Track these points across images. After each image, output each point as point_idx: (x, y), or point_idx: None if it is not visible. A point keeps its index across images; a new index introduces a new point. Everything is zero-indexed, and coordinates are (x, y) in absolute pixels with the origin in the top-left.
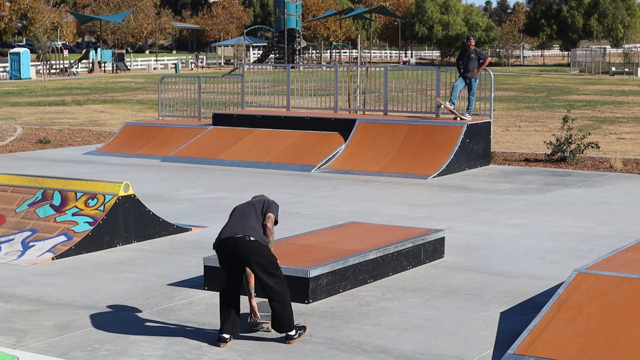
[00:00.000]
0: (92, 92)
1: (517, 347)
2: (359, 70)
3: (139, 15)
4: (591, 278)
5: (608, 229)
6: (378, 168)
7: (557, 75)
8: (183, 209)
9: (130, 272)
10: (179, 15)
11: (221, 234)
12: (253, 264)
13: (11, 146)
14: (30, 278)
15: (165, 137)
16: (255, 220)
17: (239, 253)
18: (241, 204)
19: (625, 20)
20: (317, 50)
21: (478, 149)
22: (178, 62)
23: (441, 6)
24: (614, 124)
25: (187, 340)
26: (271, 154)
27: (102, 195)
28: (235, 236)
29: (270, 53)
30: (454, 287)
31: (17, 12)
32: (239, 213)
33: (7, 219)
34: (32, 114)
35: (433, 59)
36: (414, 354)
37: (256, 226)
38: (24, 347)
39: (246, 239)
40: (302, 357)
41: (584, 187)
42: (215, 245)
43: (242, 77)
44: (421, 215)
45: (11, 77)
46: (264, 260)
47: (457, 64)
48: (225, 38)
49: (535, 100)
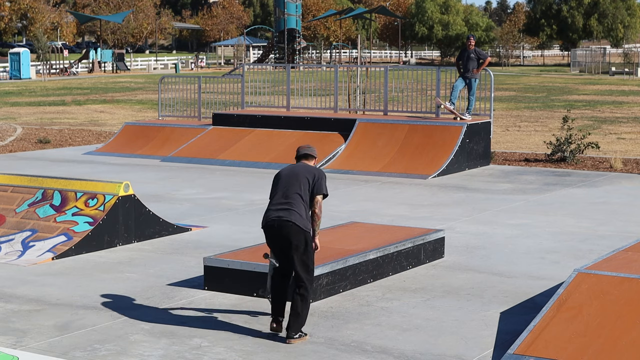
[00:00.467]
0: (92, 92)
1: (517, 347)
2: (359, 70)
3: (139, 15)
4: (591, 278)
5: (608, 229)
6: (378, 168)
7: (557, 75)
8: (183, 209)
9: (130, 272)
10: (179, 15)
11: (267, 215)
12: (293, 251)
13: (11, 146)
14: (30, 278)
15: (165, 137)
16: (301, 202)
17: (282, 236)
18: (288, 173)
19: (625, 20)
20: (317, 50)
21: (478, 149)
22: (178, 62)
23: (441, 6)
24: (614, 124)
25: (187, 340)
26: (271, 154)
27: (102, 195)
28: (281, 219)
29: (270, 53)
30: (454, 287)
31: (17, 12)
32: (283, 189)
33: (7, 219)
34: (32, 114)
35: (433, 59)
36: (414, 354)
37: (301, 210)
38: (24, 347)
39: (290, 224)
40: (302, 357)
41: (584, 187)
42: (263, 225)
43: (242, 77)
44: (421, 215)
45: (11, 77)
46: (304, 252)
47: (457, 64)
48: (225, 38)
49: (535, 100)
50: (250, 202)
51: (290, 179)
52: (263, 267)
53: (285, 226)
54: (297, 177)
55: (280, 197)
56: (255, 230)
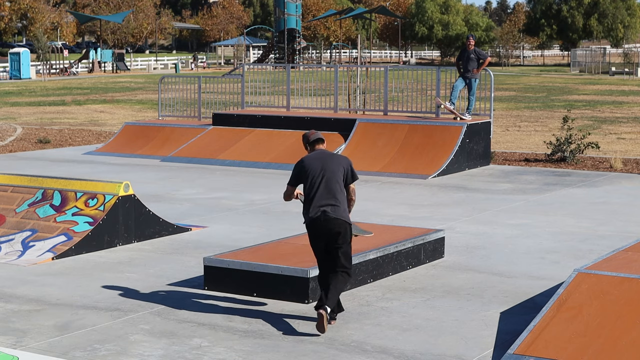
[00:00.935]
0: (92, 92)
1: (517, 347)
2: (359, 70)
3: (139, 15)
4: (591, 278)
5: (608, 229)
6: (378, 168)
7: (557, 75)
8: (183, 209)
9: (130, 272)
10: (179, 15)
11: (312, 211)
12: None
13: (11, 146)
14: (30, 278)
15: (165, 137)
16: (343, 194)
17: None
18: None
19: (625, 20)
20: (317, 50)
21: (478, 149)
22: (178, 62)
23: (441, 6)
24: (614, 124)
25: (187, 340)
26: (271, 154)
27: (102, 195)
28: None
29: (270, 53)
30: (454, 287)
31: (17, 12)
32: (324, 182)
33: (7, 219)
34: (32, 114)
35: (433, 59)
36: (414, 354)
37: (344, 202)
38: (24, 347)
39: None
40: (302, 357)
41: (584, 187)
42: (306, 224)
43: (242, 77)
44: (421, 215)
45: (11, 77)
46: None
47: (456, 64)
48: (225, 38)
49: (535, 100)
50: (250, 202)
51: (326, 171)
52: (263, 268)
53: (334, 222)
54: (332, 169)
55: (323, 191)
56: (255, 230)
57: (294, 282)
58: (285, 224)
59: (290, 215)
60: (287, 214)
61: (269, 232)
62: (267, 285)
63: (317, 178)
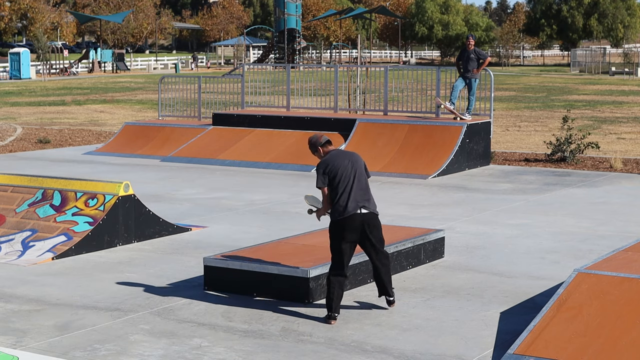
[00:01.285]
0: (92, 92)
1: (517, 347)
2: (359, 70)
3: (139, 15)
4: (591, 278)
5: (608, 229)
6: (378, 168)
7: (557, 75)
8: (183, 209)
9: (130, 272)
10: (179, 15)
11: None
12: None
13: (11, 146)
14: (30, 278)
15: (165, 137)
16: (368, 187)
17: (365, 225)
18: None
19: (625, 20)
20: (317, 50)
21: (478, 149)
22: (178, 62)
23: (441, 6)
24: (614, 124)
25: (187, 340)
26: (271, 154)
27: (102, 195)
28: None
29: (270, 53)
30: (454, 287)
31: (17, 12)
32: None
33: (7, 219)
34: (32, 114)
35: (433, 59)
36: (414, 354)
37: (372, 196)
38: (24, 347)
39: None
40: (302, 357)
41: (584, 187)
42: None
43: (242, 77)
44: (421, 215)
45: (11, 77)
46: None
47: (456, 64)
48: (225, 38)
49: (535, 100)
50: (250, 202)
51: (355, 169)
52: (263, 268)
53: (370, 216)
54: (360, 165)
55: (357, 187)
56: (255, 230)
57: (294, 282)
58: (285, 224)
59: (290, 216)
60: (287, 215)
61: (269, 232)
62: (267, 286)
63: (350, 175)
